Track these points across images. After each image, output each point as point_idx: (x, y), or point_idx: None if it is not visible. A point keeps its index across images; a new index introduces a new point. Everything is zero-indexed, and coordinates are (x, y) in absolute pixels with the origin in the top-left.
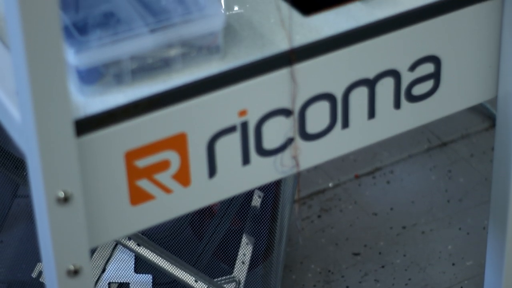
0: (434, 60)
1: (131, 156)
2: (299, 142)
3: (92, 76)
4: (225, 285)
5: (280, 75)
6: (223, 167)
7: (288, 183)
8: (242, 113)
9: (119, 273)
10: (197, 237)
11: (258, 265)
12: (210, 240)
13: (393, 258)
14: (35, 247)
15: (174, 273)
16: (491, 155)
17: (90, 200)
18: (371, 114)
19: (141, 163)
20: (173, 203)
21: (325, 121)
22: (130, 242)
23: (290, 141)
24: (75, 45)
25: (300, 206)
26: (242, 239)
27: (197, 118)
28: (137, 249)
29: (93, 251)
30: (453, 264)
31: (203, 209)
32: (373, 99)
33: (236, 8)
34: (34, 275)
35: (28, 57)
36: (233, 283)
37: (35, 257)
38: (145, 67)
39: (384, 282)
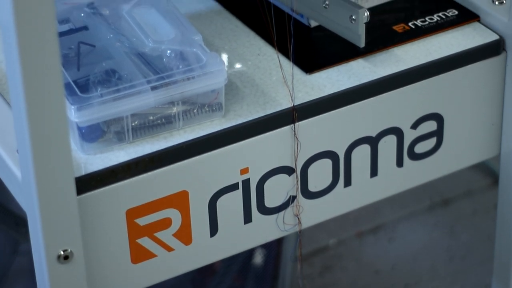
0: (437, 118)
1: (133, 214)
2: (301, 200)
3: (93, 134)
4: None
5: (282, 133)
6: (224, 225)
7: (289, 241)
8: (244, 171)
9: None
10: None
11: None
12: None
13: None
14: None
15: None
16: (494, 213)
17: (90, 258)
18: (374, 172)
19: (143, 221)
20: (174, 262)
21: (327, 179)
22: None
23: (292, 199)
24: (76, 102)
25: (302, 264)
26: None
27: (199, 176)
28: None
29: None
30: None
31: (204, 266)
32: (376, 157)
33: (238, 65)
34: None
35: (29, 114)
36: None
37: None
38: (146, 124)
39: None
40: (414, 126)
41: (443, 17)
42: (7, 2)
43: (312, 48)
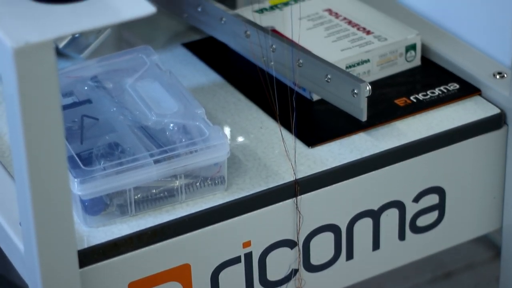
0: (439, 191)
1: (135, 287)
2: (304, 273)
3: (96, 207)
4: None
5: (284, 206)
6: None
7: None
8: (246, 244)
9: None
10: None
11: None
12: None
13: None
14: None
15: None
16: (496, 286)
17: None
18: (376, 245)
19: None
20: None
21: (329, 253)
22: None
23: (294, 272)
24: (80, 176)
25: None
26: None
27: (201, 249)
28: None
29: None
30: None
31: None
32: (378, 230)
33: (240, 138)
34: None
35: (32, 187)
36: None
37: None
38: (149, 198)
39: None
40: (416, 199)
41: (445, 91)
42: (12, 74)
43: (314, 122)
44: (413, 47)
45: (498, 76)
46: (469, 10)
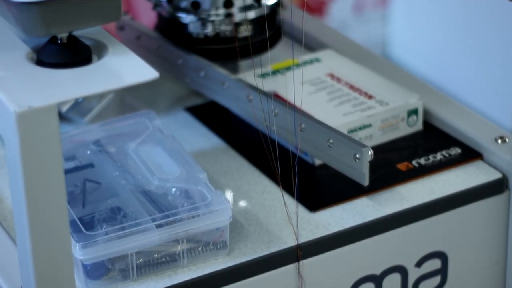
0: (441, 256)
1: None
2: None
3: (98, 271)
4: None
5: (286, 271)
6: None
7: None
8: None
9: None
10: None
11: None
12: None
13: None
14: None
15: None
16: None
17: None
18: None
19: None
20: None
21: None
22: None
23: None
24: (81, 240)
25: None
26: None
27: None
28: None
29: None
30: None
31: None
32: None
33: (242, 203)
34: None
35: (34, 251)
36: None
37: None
38: (151, 262)
39: None
40: (419, 264)
41: (447, 155)
42: (14, 138)
43: (317, 186)
44: (414, 111)
45: (500, 141)
46: (470, 74)
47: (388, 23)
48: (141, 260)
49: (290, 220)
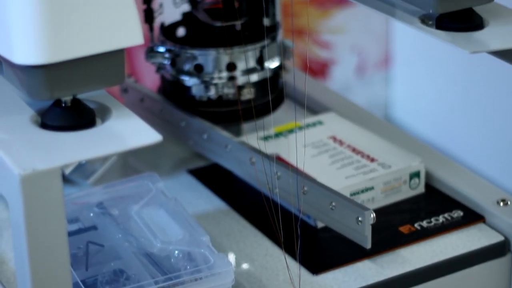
0: None
1: None
2: None
3: None
4: None
5: None
6: None
7: None
8: None
9: None
10: None
11: None
12: None
13: None
14: None
15: None
16: None
17: None
18: None
19: None
20: None
21: None
22: None
23: None
24: None
25: None
26: None
27: None
28: None
29: None
30: None
31: None
32: None
33: (245, 266)
34: None
35: None
36: None
37: None
38: None
39: None
40: None
41: (449, 218)
42: (18, 200)
43: (319, 249)
44: (417, 174)
45: (501, 204)
46: (472, 136)
47: (390, 85)
48: None
49: (292, 283)
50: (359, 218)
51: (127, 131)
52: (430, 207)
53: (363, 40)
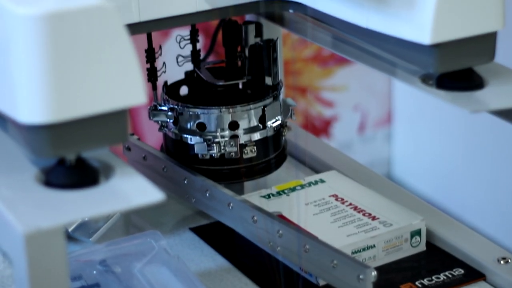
0: None
1: None
2: None
3: None
4: None
5: None
6: None
7: None
8: None
9: None
10: None
11: None
12: None
13: None
14: None
15: None
16: None
17: None
18: None
19: None
20: None
21: None
22: None
23: None
24: None
25: None
26: None
27: None
28: None
29: None
30: None
31: None
32: None
33: None
34: None
35: None
36: None
37: None
38: None
39: None
40: None
41: (450, 276)
42: (22, 258)
43: None
44: (418, 232)
45: (502, 262)
46: (472, 195)
47: (392, 143)
48: None
49: None
50: (361, 276)
51: (130, 189)
52: (431, 265)
53: (365, 98)
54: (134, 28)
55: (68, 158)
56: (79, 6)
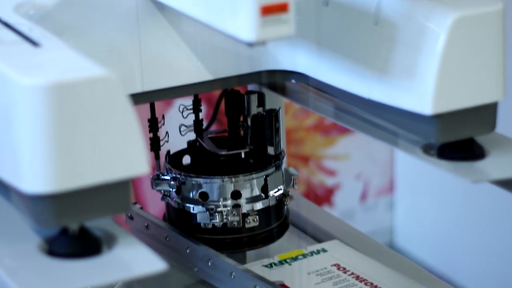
0: None
1: None
2: None
3: None
4: None
5: None
6: None
7: None
8: None
9: None
10: None
11: None
12: None
13: None
14: None
15: None
16: None
17: None
18: None
19: None
20: None
21: None
22: None
23: None
24: None
25: None
26: None
27: None
28: None
29: None
30: None
31: None
32: None
33: None
34: None
35: None
36: None
37: None
38: None
39: None
40: None
41: None
42: None
43: None
44: None
45: None
46: (475, 264)
47: (394, 212)
48: None
49: None
50: None
51: (133, 259)
52: None
53: (367, 167)
54: (137, 98)
55: (71, 227)
56: (83, 77)
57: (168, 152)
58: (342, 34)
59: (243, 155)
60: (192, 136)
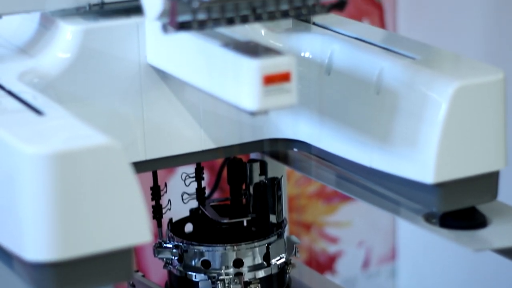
0: None
1: None
2: None
3: None
4: None
5: None
6: None
7: None
8: None
9: None
10: None
11: None
12: None
13: None
14: None
15: None
16: None
17: None
18: None
19: None
20: None
21: None
22: None
23: None
24: None
25: None
26: None
27: None
28: None
29: None
30: None
31: None
32: None
33: None
34: None
35: None
36: None
37: None
38: None
39: None
40: None
41: None
42: None
43: None
44: None
45: None
46: None
47: (396, 279)
48: None
49: None
50: None
51: None
52: None
53: (369, 234)
54: (140, 166)
55: None
56: (87, 145)
57: (171, 220)
58: (344, 103)
59: (245, 223)
60: (194, 204)
